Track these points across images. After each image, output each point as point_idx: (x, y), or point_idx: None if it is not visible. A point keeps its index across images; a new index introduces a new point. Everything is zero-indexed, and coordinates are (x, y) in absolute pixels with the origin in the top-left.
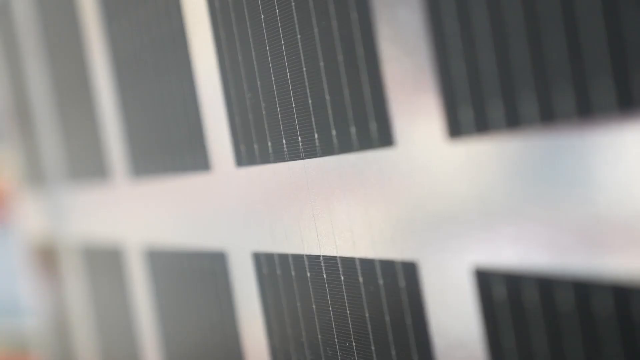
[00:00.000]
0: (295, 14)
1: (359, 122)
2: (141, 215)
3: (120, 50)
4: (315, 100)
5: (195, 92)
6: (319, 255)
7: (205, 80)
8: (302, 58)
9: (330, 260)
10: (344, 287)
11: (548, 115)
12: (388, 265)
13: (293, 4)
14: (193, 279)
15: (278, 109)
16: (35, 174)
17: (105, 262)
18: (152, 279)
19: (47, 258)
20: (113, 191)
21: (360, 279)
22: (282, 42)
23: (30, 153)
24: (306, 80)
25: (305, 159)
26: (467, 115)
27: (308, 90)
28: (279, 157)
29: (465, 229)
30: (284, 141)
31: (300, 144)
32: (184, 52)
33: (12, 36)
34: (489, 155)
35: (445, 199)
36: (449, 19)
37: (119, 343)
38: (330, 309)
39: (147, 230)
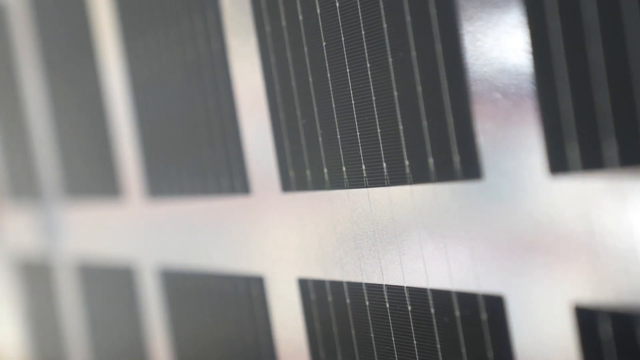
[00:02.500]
0: (365, 44)
1: (439, 153)
2: (158, 235)
3: (140, 69)
4: (385, 130)
5: (236, 116)
6: (382, 284)
7: (247, 103)
8: (372, 87)
9: (396, 289)
10: (410, 317)
11: None
12: (468, 298)
13: (363, 33)
14: (223, 301)
15: (338, 136)
16: (30, 190)
17: (116, 281)
18: (167, 299)
19: (38, 274)
20: (128, 210)
21: (432, 310)
22: (348, 70)
23: (27, 168)
24: (375, 109)
25: (369, 187)
26: (573, 151)
27: (377, 119)
28: (337, 185)
29: (565, 265)
30: (343, 169)
31: (364, 172)
32: (224, 73)
33: (10, 49)
34: (599, 191)
35: (541, 233)
36: (557, 55)
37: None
38: (393, 338)
39: (168, 250)
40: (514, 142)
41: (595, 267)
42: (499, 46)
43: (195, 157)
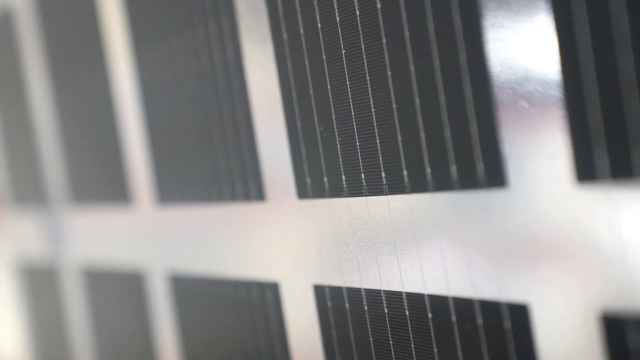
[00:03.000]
0: (386, 51)
1: (462, 161)
2: (169, 241)
3: (151, 76)
4: (406, 138)
5: (251, 122)
6: (401, 292)
7: (263, 110)
8: (393, 95)
9: (416, 297)
10: (431, 325)
11: None
12: (490, 306)
13: (384, 41)
14: (237, 307)
15: (357, 144)
16: (39, 195)
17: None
18: (178, 304)
19: (46, 279)
20: (138, 216)
21: (454, 318)
22: (368, 78)
23: (34, 174)
24: (396, 117)
25: (389, 194)
26: (602, 159)
27: (398, 127)
28: (355, 192)
29: (591, 273)
30: (362, 176)
31: (383, 179)
32: (239, 79)
33: (17, 54)
34: (627, 200)
35: (567, 241)
36: (585, 62)
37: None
38: (413, 345)
39: (179, 256)
40: (540, 150)
41: (623, 276)
42: (525, 54)
43: (208, 163)
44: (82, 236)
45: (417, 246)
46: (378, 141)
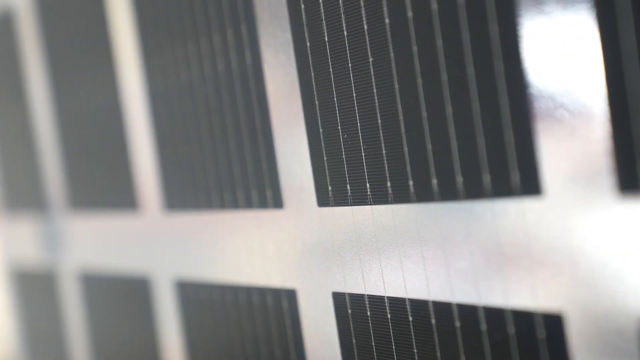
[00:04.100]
0: (417, 60)
1: (496, 169)
2: (178, 247)
3: (160, 82)
4: (437, 146)
5: (270, 129)
6: (428, 300)
7: (282, 117)
8: (424, 103)
9: (443, 306)
10: (460, 333)
11: None
12: (523, 316)
13: (415, 49)
14: (252, 314)
15: (384, 152)
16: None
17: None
18: (183, 310)
19: (42, 283)
20: (145, 222)
21: (484, 327)
22: (397, 86)
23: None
24: (426, 125)
25: (416, 202)
26: None
27: (428, 136)
28: (380, 200)
29: (634, 283)
30: (388, 184)
31: (411, 187)
32: (258, 86)
33: (17, 57)
34: None
35: (608, 252)
36: (631, 71)
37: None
38: (439, 354)
39: (189, 263)
40: (579, 159)
41: None
42: (566, 62)
43: (222, 169)
44: (87, 242)
45: (445, 254)
46: (406, 149)
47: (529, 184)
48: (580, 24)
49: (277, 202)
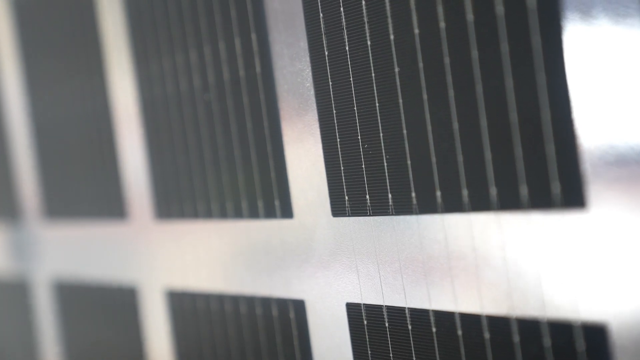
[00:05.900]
0: (449, 71)
1: (534, 180)
2: (167, 256)
3: (153, 92)
4: (468, 157)
5: (280, 137)
6: (454, 312)
7: (291, 125)
8: (455, 114)
9: (471, 317)
10: (489, 345)
11: None
12: (562, 327)
13: (447, 61)
14: (258, 325)
15: (409, 162)
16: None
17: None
18: (174, 321)
19: (14, 292)
20: (134, 230)
21: (517, 339)
22: (425, 97)
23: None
24: (457, 136)
25: (444, 213)
26: None
27: (459, 146)
28: (403, 210)
29: None
30: (413, 194)
31: (438, 198)
32: (269, 95)
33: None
34: None
35: None
36: None
37: None
38: None
39: (186, 273)
40: (624, 173)
41: None
42: (611, 72)
43: (225, 178)
44: (64, 250)
45: (474, 266)
46: (434, 160)
47: (573, 196)
48: (626, 31)
49: (286, 212)
